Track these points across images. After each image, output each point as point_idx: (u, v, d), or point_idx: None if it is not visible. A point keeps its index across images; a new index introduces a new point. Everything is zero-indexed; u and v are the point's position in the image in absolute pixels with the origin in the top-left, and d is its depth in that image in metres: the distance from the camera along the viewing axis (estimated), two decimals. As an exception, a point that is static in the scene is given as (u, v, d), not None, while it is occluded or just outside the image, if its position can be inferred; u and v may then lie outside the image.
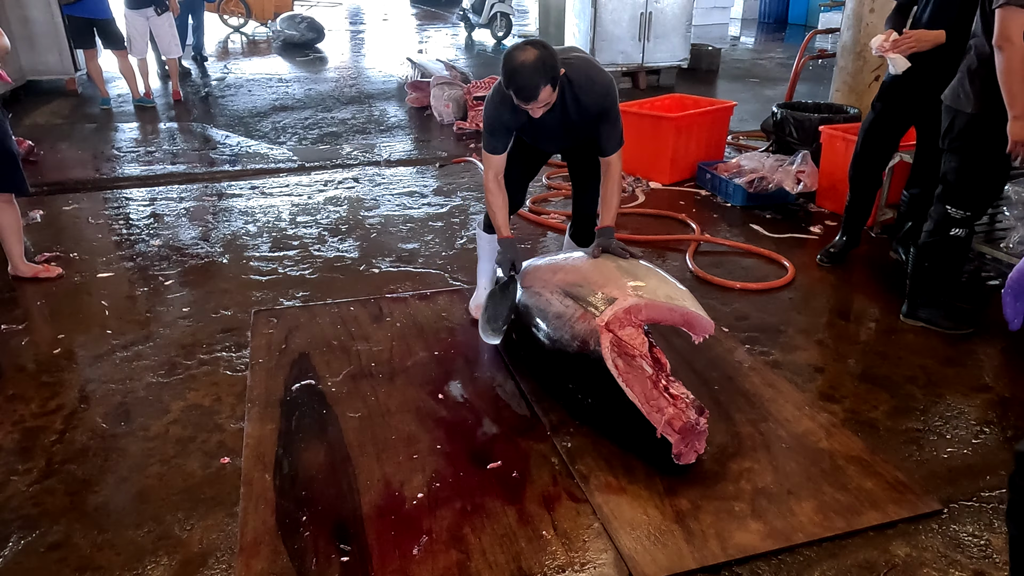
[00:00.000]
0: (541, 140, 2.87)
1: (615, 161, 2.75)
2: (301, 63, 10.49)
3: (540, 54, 2.40)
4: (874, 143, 3.57)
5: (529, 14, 15.29)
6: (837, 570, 1.96)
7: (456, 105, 6.82)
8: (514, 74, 2.41)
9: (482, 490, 2.23)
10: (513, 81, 2.42)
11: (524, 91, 2.42)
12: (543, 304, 2.68)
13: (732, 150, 5.78)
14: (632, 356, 2.34)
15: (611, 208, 2.79)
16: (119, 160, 5.81)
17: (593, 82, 2.62)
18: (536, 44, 2.43)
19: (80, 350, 3.07)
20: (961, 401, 2.70)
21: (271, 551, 1.99)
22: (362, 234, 4.29)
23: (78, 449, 2.45)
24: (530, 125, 2.70)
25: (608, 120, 2.68)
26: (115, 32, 7.20)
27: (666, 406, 2.22)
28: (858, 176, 3.68)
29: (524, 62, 2.39)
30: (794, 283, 3.63)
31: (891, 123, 3.50)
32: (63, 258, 3.94)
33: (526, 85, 2.41)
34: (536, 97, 2.43)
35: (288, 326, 3.19)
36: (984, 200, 3.03)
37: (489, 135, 2.73)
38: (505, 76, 2.44)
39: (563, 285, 2.66)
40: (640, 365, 2.32)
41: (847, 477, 2.26)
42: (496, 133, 2.72)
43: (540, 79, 2.40)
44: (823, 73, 8.58)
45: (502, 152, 2.75)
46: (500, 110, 2.66)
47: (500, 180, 2.80)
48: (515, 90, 2.43)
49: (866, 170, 3.65)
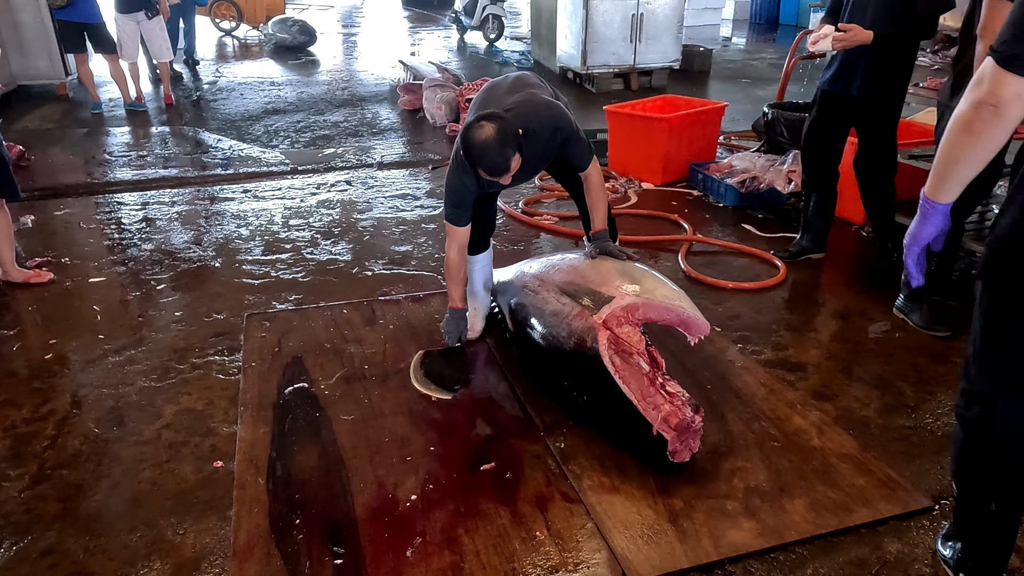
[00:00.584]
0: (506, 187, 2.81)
1: (593, 171, 2.75)
2: (293, 66, 10.48)
3: (499, 126, 2.35)
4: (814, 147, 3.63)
5: (521, 16, 15.32)
6: (829, 567, 1.97)
7: (449, 107, 6.83)
8: (483, 155, 2.36)
9: (475, 491, 2.23)
10: (482, 161, 2.38)
11: (496, 168, 2.38)
12: (539, 302, 2.69)
13: (724, 150, 5.79)
14: (629, 354, 2.35)
15: (599, 213, 2.80)
16: (111, 164, 5.80)
17: (544, 125, 2.57)
18: (491, 117, 2.39)
19: (72, 355, 3.06)
20: (951, 398, 2.71)
21: (264, 554, 1.99)
22: (355, 237, 4.29)
23: (70, 454, 2.44)
24: (490, 187, 2.66)
25: (572, 143, 2.66)
26: (106, 36, 7.18)
27: (662, 403, 2.22)
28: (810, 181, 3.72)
29: (488, 140, 2.34)
30: (786, 282, 3.65)
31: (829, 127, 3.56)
32: (54, 263, 3.93)
33: (497, 163, 2.37)
34: (508, 169, 2.40)
35: (281, 329, 3.18)
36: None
37: (454, 208, 2.67)
38: (472, 158, 2.39)
39: (560, 283, 2.67)
40: (637, 363, 2.33)
41: (839, 475, 2.28)
42: (462, 205, 2.66)
43: (509, 151, 2.36)
44: (813, 73, 8.62)
45: (467, 223, 2.71)
46: (464, 181, 2.61)
47: (464, 251, 2.76)
48: (486, 169, 2.39)
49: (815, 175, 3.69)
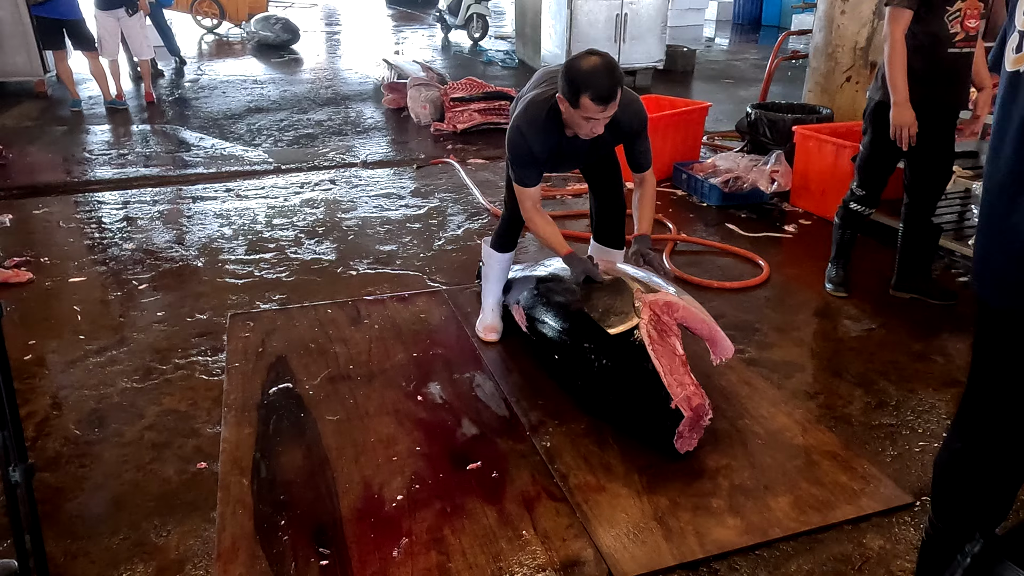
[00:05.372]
0: (563, 164, 2.80)
1: (650, 174, 2.79)
2: (276, 64, 10.41)
3: (608, 58, 2.34)
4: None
5: (506, 15, 15.32)
6: (813, 563, 1.99)
7: (433, 106, 6.81)
8: (594, 74, 2.29)
9: (462, 491, 2.23)
10: (592, 83, 2.29)
11: (604, 92, 2.29)
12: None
13: (707, 150, 5.83)
14: (667, 334, 2.41)
15: (647, 217, 2.81)
16: (90, 163, 5.73)
17: (629, 104, 2.54)
18: (597, 52, 2.37)
19: (52, 356, 3.02)
20: (932, 396, 2.75)
21: (249, 556, 1.98)
22: (339, 236, 4.27)
23: (50, 457, 2.41)
24: (558, 151, 2.61)
25: (643, 138, 2.70)
26: (85, 33, 7.10)
27: (689, 384, 2.30)
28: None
29: (598, 64, 2.30)
30: (769, 282, 3.68)
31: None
32: (33, 263, 3.88)
33: (606, 85, 2.29)
34: (615, 98, 2.33)
35: (265, 329, 3.16)
36: (874, 183, 3.28)
37: (521, 168, 2.60)
38: (581, 80, 2.31)
39: (606, 268, 2.74)
40: (672, 344, 2.40)
41: (822, 472, 2.30)
42: (528, 165, 2.59)
43: (618, 79, 2.33)
44: (796, 74, 8.69)
45: (536, 184, 2.64)
46: (531, 139, 2.53)
47: (539, 207, 2.70)
48: (595, 91, 2.29)
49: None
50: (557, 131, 2.55)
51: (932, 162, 3.16)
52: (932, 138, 3.07)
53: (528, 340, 2.94)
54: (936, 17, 2.90)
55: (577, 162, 2.86)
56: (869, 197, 3.31)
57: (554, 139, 2.55)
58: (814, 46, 5.49)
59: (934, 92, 2.99)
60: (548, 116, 2.52)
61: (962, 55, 2.95)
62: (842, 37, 5.20)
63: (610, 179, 2.96)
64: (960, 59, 2.96)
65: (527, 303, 2.90)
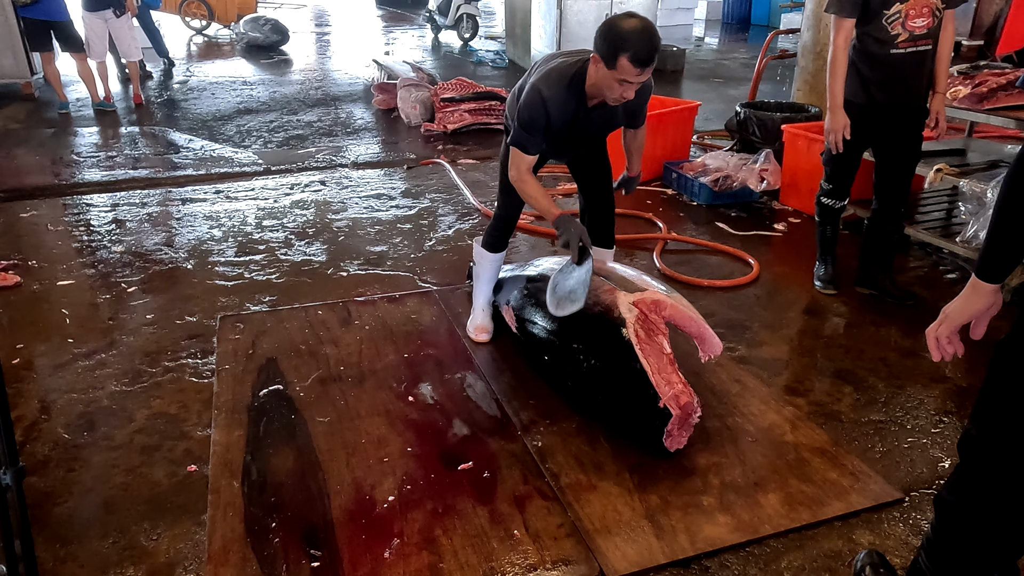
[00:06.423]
0: (567, 144, 2.77)
1: (642, 129, 2.94)
2: (265, 65, 10.37)
3: (648, 22, 2.31)
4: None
5: (496, 15, 15.31)
6: (804, 560, 2.00)
7: (423, 107, 6.81)
8: (635, 36, 2.24)
9: (453, 491, 2.23)
10: (633, 44, 2.24)
11: (644, 55, 2.25)
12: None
13: (697, 149, 5.85)
14: (654, 333, 2.42)
15: (637, 159, 3.02)
16: (79, 165, 5.69)
17: None
18: (637, 15, 2.33)
19: (40, 359, 3.00)
20: (921, 392, 2.77)
21: (240, 558, 1.97)
22: (329, 237, 4.26)
23: (39, 461, 2.39)
24: (572, 121, 2.57)
25: (646, 104, 2.81)
26: (73, 34, 7.05)
27: (676, 382, 2.31)
28: None
29: (639, 26, 2.27)
30: (759, 280, 3.69)
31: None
32: (21, 266, 3.85)
33: (648, 49, 2.25)
34: (653, 63, 2.30)
35: (255, 331, 3.15)
36: (839, 177, 3.32)
37: (527, 132, 2.53)
38: (622, 40, 2.25)
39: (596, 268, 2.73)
40: (659, 343, 2.41)
41: (812, 469, 2.31)
42: (536, 131, 2.53)
43: (658, 44, 2.30)
44: (785, 73, 8.72)
45: (534, 154, 2.59)
46: (550, 102, 2.47)
47: (531, 172, 2.61)
48: (636, 52, 2.24)
49: None
50: (576, 100, 2.53)
51: (895, 163, 3.22)
52: (893, 139, 3.15)
53: (518, 340, 2.94)
54: (875, 21, 2.96)
55: (580, 145, 2.85)
56: (837, 190, 3.36)
57: (572, 108, 2.53)
58: (802, 45, 5.51)
59: (884, 94, 3.05)
60: (571, 84, 2.51)
61: (908, 55, 2.99)
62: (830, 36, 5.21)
63: (600, 178, 2.98)
64: (907, 59, 3.00)
65: (517, 303, 2.90)
